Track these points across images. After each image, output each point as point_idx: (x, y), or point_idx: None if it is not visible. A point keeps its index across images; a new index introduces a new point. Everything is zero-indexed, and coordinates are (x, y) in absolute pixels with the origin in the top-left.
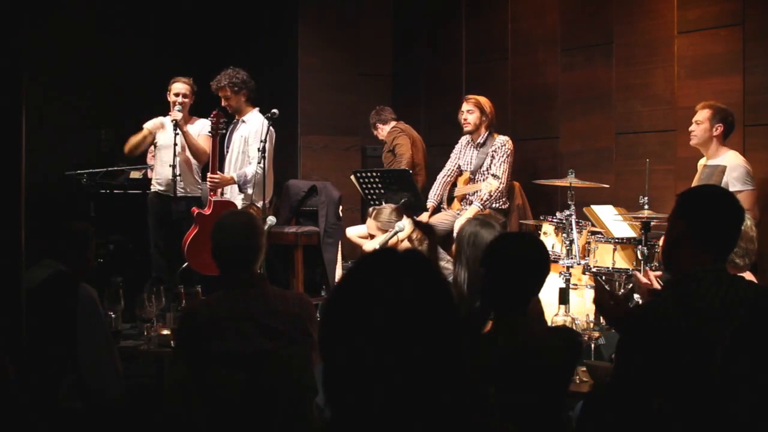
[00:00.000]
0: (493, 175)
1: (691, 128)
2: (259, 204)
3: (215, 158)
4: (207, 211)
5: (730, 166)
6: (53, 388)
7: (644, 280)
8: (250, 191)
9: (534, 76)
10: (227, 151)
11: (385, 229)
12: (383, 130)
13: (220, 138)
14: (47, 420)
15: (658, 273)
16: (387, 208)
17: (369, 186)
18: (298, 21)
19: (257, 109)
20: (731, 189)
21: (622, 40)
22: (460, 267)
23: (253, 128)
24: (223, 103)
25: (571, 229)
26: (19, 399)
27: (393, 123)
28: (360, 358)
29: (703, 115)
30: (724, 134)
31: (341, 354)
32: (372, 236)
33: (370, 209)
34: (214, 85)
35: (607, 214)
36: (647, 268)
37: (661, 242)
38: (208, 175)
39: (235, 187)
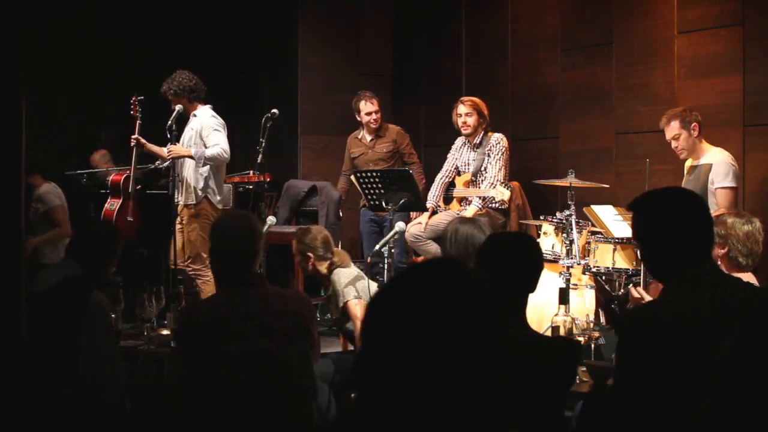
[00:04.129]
0: (503, 183)
1: (673, 146)
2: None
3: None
4: None
5: (716, 163)
6: (52, 394)
7: (636, 294)
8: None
9: (534, 76)
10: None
11: None
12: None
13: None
14: (45, 424)
15: None
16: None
17: (369, 186)
18: (298, 21)
19: (207, 105)
20: (714, 186)
21: (622, 40)
22: None
23: (203, 121)
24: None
25: (571, 229)
26: (18, 404)
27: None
28: (404, 359)
29: (674, 129)
30: (701, 130)
31: (385, 348)
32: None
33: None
34: None
35: (607, 214)
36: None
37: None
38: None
39: (199, 182)
